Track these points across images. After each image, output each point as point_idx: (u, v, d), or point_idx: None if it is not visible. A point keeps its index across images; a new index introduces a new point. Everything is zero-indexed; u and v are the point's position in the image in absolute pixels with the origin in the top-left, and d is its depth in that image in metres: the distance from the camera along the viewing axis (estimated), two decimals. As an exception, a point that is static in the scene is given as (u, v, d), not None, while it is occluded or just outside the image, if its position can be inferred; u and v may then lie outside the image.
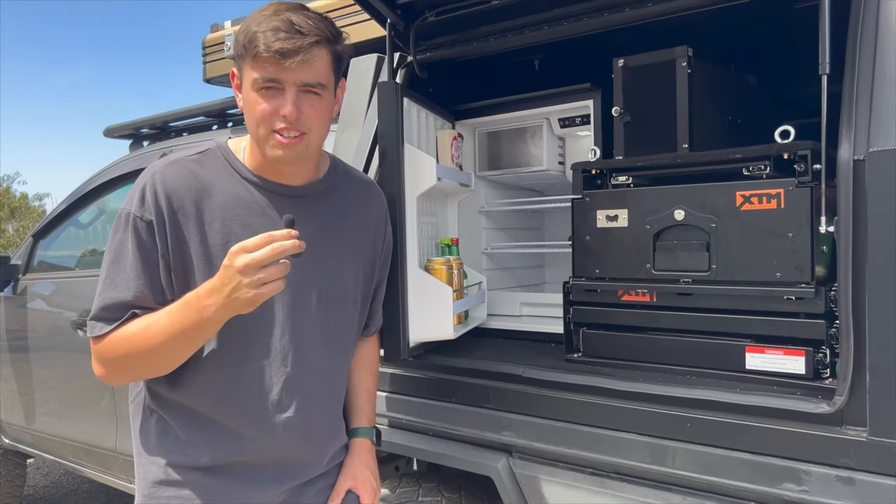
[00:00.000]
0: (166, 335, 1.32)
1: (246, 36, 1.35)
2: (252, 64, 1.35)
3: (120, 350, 1.37)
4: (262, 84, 1.35)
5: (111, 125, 4.08)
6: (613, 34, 1.96)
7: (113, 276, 1.38)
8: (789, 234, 1.54)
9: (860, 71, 1.44)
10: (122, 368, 1.42)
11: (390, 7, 2.12)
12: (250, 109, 1.39)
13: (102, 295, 1.39)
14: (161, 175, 1.40)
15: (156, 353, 1.35)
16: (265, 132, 1.38)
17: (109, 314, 1.38)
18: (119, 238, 1.40)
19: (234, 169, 1.46)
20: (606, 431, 1.66)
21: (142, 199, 1.39)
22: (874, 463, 1.34)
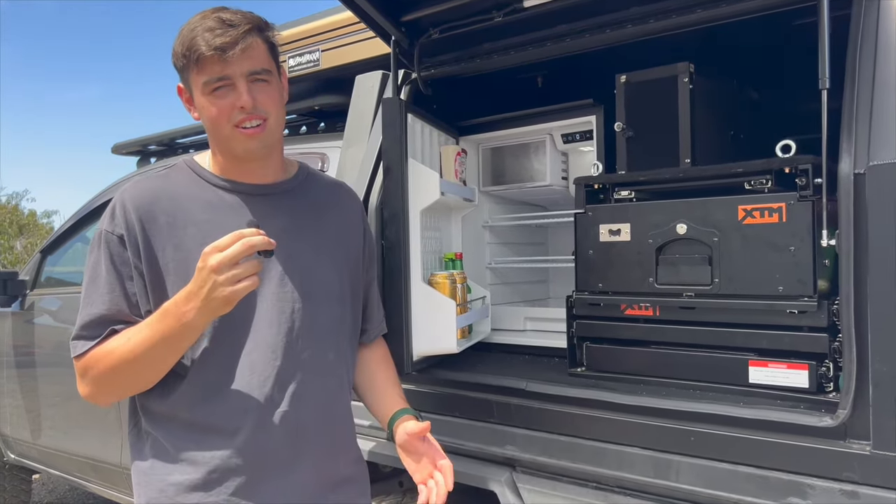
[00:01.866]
0: (148, 345, 1.33)
1: (183, 46, 1.38)
2: (197, 69, 1.38)
3: (103, 365, 1.38)
4: (213, 85, 1.38)
5: (119, 142, 4.13)
6: (616, 50, 1.98)
7: (90, 294, 1.41)
8: (791, 248, 1.54)
9: (860, 85, 1.45)
10: (108, 384, 1.42)
11: (395, 25, 2.15)
12: (207, 113, 1.41)
13: (81, 313, 1.41)
14: (129, 192, 1.44)
15: (139, 364, 1.35)
16: (228, 130, 1.41)
17: (89, 332, 1.40)
18: (94, 257, 1.43)
19: (201, 177, 1.49)
20: (610, 445, 1.66)
21: (112, 216, 1.42)
22: (878, 476, 1.33)
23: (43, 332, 3.82)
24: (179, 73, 1.44)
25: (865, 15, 1.50)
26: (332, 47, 2.75)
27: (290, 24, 3.15)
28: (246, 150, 1.43)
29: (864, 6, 1.51)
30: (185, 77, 1.43)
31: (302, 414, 1.47)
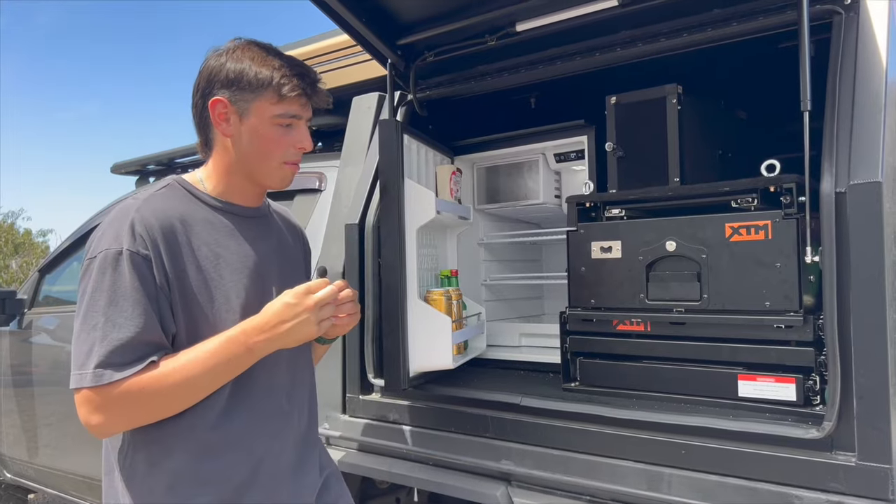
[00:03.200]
0: (205, 370, 1.34)
1: (271, 74, 1.43)
2: (277, 100, 1.44)
3: (149, 390, 1.31)
4: (286, 119, 1.47)
5: (118, 162, 4.17)
6: (606, 73, 2.03)
7: (114, 317, 1.30)
8: (777, 264, 1.59)
9: (840, 107, 1.50)
10: (139, 411, 1.34)
11: (391, 48, 2.20)
12: (262, 141, 1.46)
13: (108, 338, 1.30)
14: (144, 212, 1.39)
15: (192, 389, 1.35)
16: (277, 163, 1.49)
17: (120, 357, 1.30)
18: (110, 278, 1.32)
19: (198, 198, 1.48)
20: (604, 459, 1.69)
21: (132, 234, 1.35)
22: (863, 487, 1.37)
23: (40, 351, 3.84)
24: (234, 89, 1.43)
25: (845, 39, 1.56)
26: (329, 69, 2.80)
27: (290, 47, 3.21)
28: (283, 183, 1.53)
29: (843, 31, 1.57)
30: (242, 97, 1.44)
31: (303, 421, 1.58)
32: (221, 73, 1.44)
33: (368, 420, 2.12)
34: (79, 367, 1.31)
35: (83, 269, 1.36)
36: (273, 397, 1.51)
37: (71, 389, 1.33)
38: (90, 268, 1.34)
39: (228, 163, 1.49)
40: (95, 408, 1.31)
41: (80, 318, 1.33)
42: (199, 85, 1.48)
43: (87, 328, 1.31)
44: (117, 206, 1.42)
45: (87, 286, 1.33)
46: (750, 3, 1.72)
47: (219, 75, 1.44)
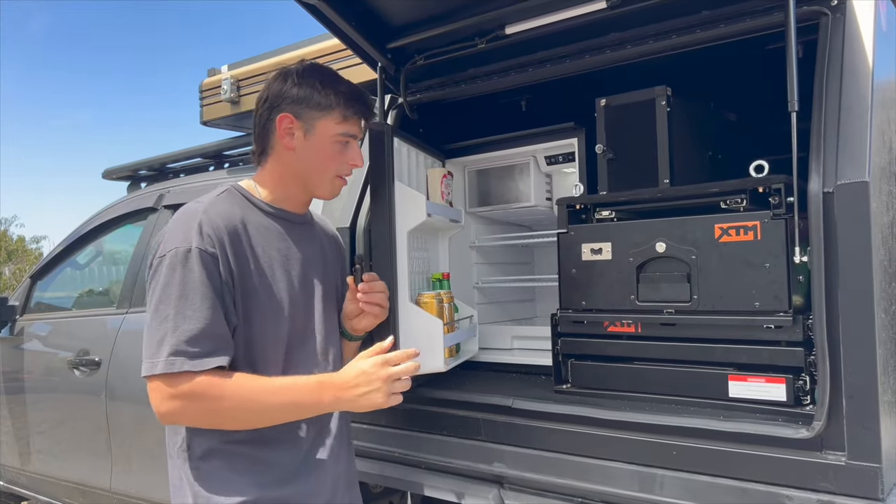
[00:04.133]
0: (272, 402, 1.48)
1: (338, 96, 1.59)
2: (342, 119, 1.61)
3: (213, 394, 1.42)
4: (345, 138, 1.63)
5: (110, 167, 4.16)
6: (596, 75, 2.04)
7: (184, 309, 1.41)
8: (766, 265, 1.59)
9: (827, 108, 1.51)
10: (201, 410, 1.45)
11: (381, 52, 2.21)
12: (322, 156, 1.61)
13: (179, 329, 1.40)
14: (210, 213, 1.51)
15: (250, 410, 1.47)
16: (331, 176, 1.65)
17: (193, 346, 1.40)
18: (180, 274, 1.43)
19: (254, 204, 1.62)
20: (595, 461, 1.69)
21: (200, 233, 1.46)
22: (853, 486, 1.37)
23: (32, 358, 3.82)
24: (301, 106, 1.58)
25: (831, 40, 1.57)
26: (320, 73, 2.80)
27: (279, 52, 3.22)
28: (333, 194, 1.69)
29: (829, 32, 1.58)
30: (308, 114, 1.59)
31: (339, 413, 1.69)
32: (292, 91, 1.58)
33: (361, 424, 2.11)
34: (150, 357, 1.41)
35: (153, 268, 1.48)
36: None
37: (143, 378, 1.43)
38: (160, 265, 1.45)
39: (285, 173, 1.63)
40: (166, 396, 1.42)
41: (152, 311, 1.44)
42: (268, 99, 1.61)
43: (158, 320, 1.42)
44: (182, 210, 1.55)
45: (158, 282, 1.44)
46: (737, 5, 1.73)
47: (289, 93, 1.58)
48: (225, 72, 3.44)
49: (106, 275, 4.07)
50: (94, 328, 3.45)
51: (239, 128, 3.67)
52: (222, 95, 3.35)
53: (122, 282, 3.49)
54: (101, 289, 4.04)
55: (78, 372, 3.38)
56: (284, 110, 1.59)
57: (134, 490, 3.16)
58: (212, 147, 3.59)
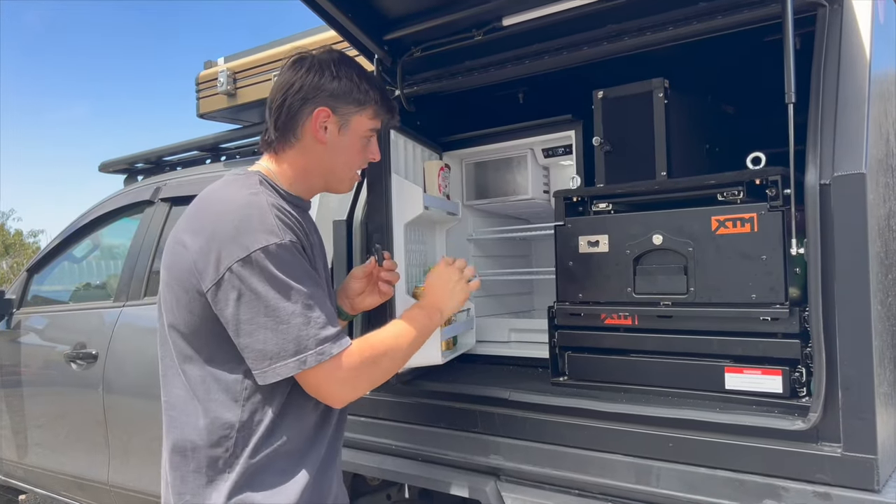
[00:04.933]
0: (413, 337, 1.56)
1: (374, 92, 1.58)
2: (374, 115, 1.60)
3: (379, 351, 1.49)
4: (372, 135, 1.63)
5: (106, 160, 4.15)
6: (593, 67, 2.03)
7: (306, 300, 1.39)
8: (763, 257, 1.59)
9: (824, 99, 1.51)
10: (379, 371, 1.50)
11: (378, 43, 2.20)
12: (350, 151, 1.60)
13: (312, 320, 1.38)
14: (277, 205, 1.46)
15: (407, 353, 1.56)
16: (354, 171, 1.65)
17: (330, 331, 1.41)
18: (284, 269, 1.38)
19: (280, 195, 1.56)
20: (592, 453, 1.69)
21: (283, 226, 1.42)
22: (849, 478, 1.37)
23: (30, 352, 3.82)
24: (340, 99, 1.54)
25: (829, 32, 1.56)
26: (316, 65, 2.79)
27: (276, 43, 3.21)
28: (349, 189, 1.69)
29: (827, 23, 1.57)
30: (347, 110, 1.55)
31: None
32: (331, 85, 1.53)
33: (358, 417, 2.12)
34: (293, 355, 1.37)
35: (237, 271, 1.36)
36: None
37: (292, 377, 1.40)
38: (251, 269, 1.36)
39: (310, 166, 1.58)
40: (339, 381, 1.43)
41: (264, 314, 1.37)
42: (301, 89, 1.52)
43: (281, 320, 1.37)
44: (233, 202, 1.44)
45: (258, 284, 1.36)
46: (735, -3, 1.72)
47: (327, 87, 1.53)
48: (221, 64, 3.43)
49: (103, 268, 4.07)
50: (91, 321, 3.45)
51: (235, 120, 3.65)
52: (219, 88, 3.34)
53: (119, 275, 3.48)
54: (98, 282, 4.03)
55: (75, 365, 3.38)
56: (321, 104, 1.52)
57: (132, 483, 3.17)
58: (208, 140, 3.57)
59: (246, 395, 1.43)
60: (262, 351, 1.37)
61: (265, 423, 1.43)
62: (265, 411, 1.44)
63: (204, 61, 3.53)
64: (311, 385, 1.43)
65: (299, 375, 1.40)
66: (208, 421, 1.43)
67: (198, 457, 1.45)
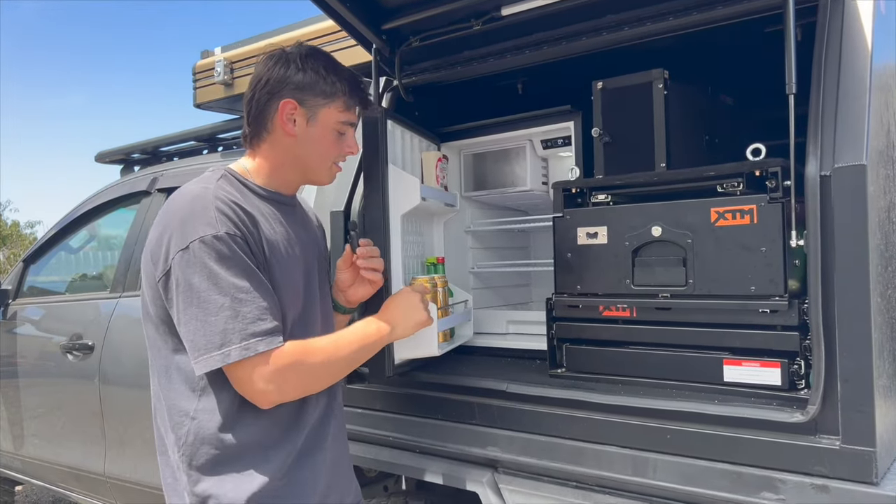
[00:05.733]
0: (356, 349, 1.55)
1: (342, 84, 1.57)
2: (344, 108, 1.59)
3: (315, 356, 1.47)
4: (345, 127, 1.61)
5: (103, 150, 4.13)
6: (592, 58, 2.02)
7: (236, 294, 1.37)
8: (762, 249, 1.58)
9: (825, 90, 1.50)
10: (311, 375, 1.48)
11: (376, 33, 2.18)
12: (322, 144, 1.59)
13: (241, 314, 1.37)
14: (222, 195, 1.46)
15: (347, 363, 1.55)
16: (329, 164, 1.63)
17: (260, 327, 1.38)
18: (218, 260, 1.38)
19: (249, 188, 1.57)
20: (590, 445, 1.69)
21: (224, 217, 1.41)
22: (847, 470, 1.37)
23: (26, 342, 3.81)
24: (306, 91, 1.54)
25: (830, 23, 1.55)
26: (314, 55, 2.77)
27: (273, 33, 3.19)
28: (330, 181, 1.67)
29: (828, 15, 1.56)
30: (312, 101, 1.55)
31: (336, 393, 1.69)
32: (296, 77, 1.54)
33: (356, 409, 2.11)
34: (217, 348, 1.36)
35: (175, 262, 1.39)
36: None
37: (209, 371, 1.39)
38: (188, 258, 1.38)
39: (283, 159, 1.59)
40: (264, 378, 1.39)
41: (196, 305, 1.37)
42: (268, 83, 1.55)
43: (210, 311, 1.37)
44: (187, 196, 1.46)
45: (192, 275, 1.37)
46: (736, -14, 1.71)
47: (292, 79, 1.54)
48: (218, 54, 3.41)
49: (99, 259, 4.05)
50: (88, 312, 3.44)
51: (232, 110, 3.63)
52: (216, 78, 3.32)
53: (115, 266, 3.46)
54: (95, 273, 4.02)
55: (71, 356, 3.37)
56: (287, 96, 1.53)
57: (128, 474, 3.16)
58: (206, 130, 3.55)
59: (202, 386, 1.45)
60: (192, 342, 1.39)
61: (220, 414, 1.44)
62: (221, 402, 1.45)
63: (201, 51, 3.51)
64: (237, 380, 1.41)
65: (226, 370, 1.40)
66: (170, 410, 1.48)
67: (168, 445, 1.50)
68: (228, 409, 1.45)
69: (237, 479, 1.44)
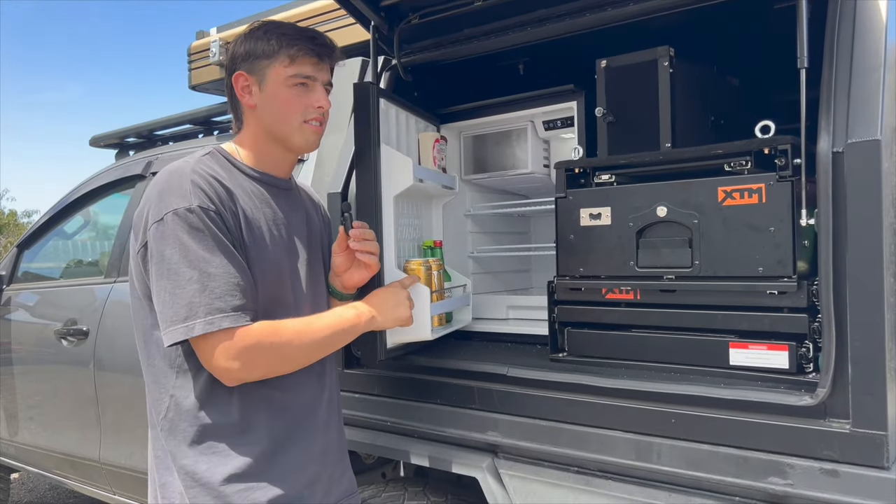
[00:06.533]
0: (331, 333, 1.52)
1: (276, 40, 1.53)
2: (288, 63, 1.53)
3: (285, 335, 1.44)
4: (300, 80, 1.54)
5: (97, 134, 4.07)
6: (596, 35, 1.97)
7: (205, 267, 1.36)
8: (771, 229, 1.54)
9: (838, 64, 1.45)
10: (280, 355, 1.45)
11: (374, 10, 2.13)
12: (281, 102, 1.54)
13: (209, 288, 1.36)
14: (200, 170, 1.46)
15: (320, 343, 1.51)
16: (298, 122, 1.56)
17: (228, 302, 1.37)
18: (189, 232, 1.38)
19: (237, 167, 1.57)
20: (592, 429, 1.65)
21: (198, 191, 1.41)
22: (858, 455, 1.33)
23: (20, 328, 3.76)
24: (251, 61, 1.54)
25: (843, -4, 1.50)
26: (311, 35, 2.71)
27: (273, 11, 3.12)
28: (307, 142, 1.59)
29: (841, -13, 1.51)
30: (258, 66, 1.54)
31: (331, 381, 1.68)
32: (240, 50, 1.55)
33: (353, 393, 2.07)
34: (183, 320, 1.35)
35: (150, 234, 1.40)
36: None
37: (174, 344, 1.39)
38: (161, 229, 1.38)
39: (258, 133, 1.59)
40: (231, 355, 1.37)
41: (166, 276, 1.38)
42: (227, 66, 1.59)
43: (179, 284, 1.36)
44: (167, 170, 1.47)
45: (165, 247, 1.38)
46: (745, -41, 1.66)
47: (238, 52, 1.56)
48: (214, 34, 3.35)
49: (94, 244, 4.00)
50: (82, 298, 3.39)
51: (229, 93, 3.58)
52: (211, 59, 3.25)
53: (110, 251, 3.42)
54: (89, 258, 3.97)
55: (66, 342, 3.33)
56: (237, 69, 1.55)
57: (123, 460, 3.13)
58: (201, 113, 3.50)
59: (179, 363, 1.46)
60: (162, 313, 1.39)
61: (196, 391, 1.45)
62: (196, 380, 1.45)
63: (196, 31, 3.45)
64: (201, 355, 1.40)
65: (193, 344, 1.40)
66: (152, 386, 1.50)
67: (154, 421, 1.52)
68: (203, 387, 1.45)
69: (214, 459, 1.44)
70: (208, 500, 1.42)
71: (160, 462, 1.51)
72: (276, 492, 1.45)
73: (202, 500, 1.42)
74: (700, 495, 1.51)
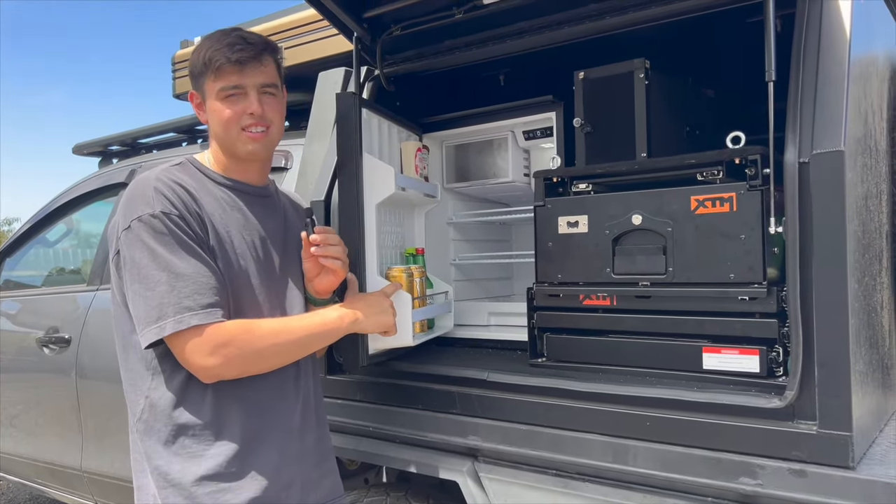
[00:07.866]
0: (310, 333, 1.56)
1: (204, 55, 1.55)
2: (214, 77, 1.55)
3: (262, 333, 1.49)
4: (228, 92, 1.56)
5: (80, 142, 4.07)
6: (574, 47, 2.01)
7: (173, 269, 1.41)
8: (742, 236, 1.59)
9: (804, 77, 1.50)
10: (256, 353, 1.48)
11: (357, 21, 2.16)
12: (218, 116, 1.58)
13: (177, 288, 1.40)
14: (165, 178, 1.51)
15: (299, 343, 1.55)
16: (236, 132, 1.58)
17: (197, 301, 1.40)
18: (155, 238, 1.43)
19: (207, 176, 1.61)
20: (569, 432, 1.69)
21: (163, 197, 1.46)
22: (824, 455, 1.38)
23: (1, 337, 3.74)
24: (195, 79, 1.60)
25: (809, 12, 1.56)
26: (295, 45, 2.75)
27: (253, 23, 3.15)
28: (249, 151, 1.60)
29: (808, 4, 1.56)
30: (199, 83, 1.59)
31: (307, 385, 1.68)
32: (190, 67, 1.60)
33: (335, 399, 2.09)
34: (154, 321, 1.40)
35: (121, 242, 1.46)
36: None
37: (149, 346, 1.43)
38: (129, 236, 1.44)
39: (214, 144, 1.64)
40: (206, 352, 1.41)
41: (136, 281, 1.43)
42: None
43: (148, 287, 1.41)
44: (135, 180, 1.54)
45: (134, 252, 1.43)
46: (717, -25, 1.71)
47: (190, 71, 1.61)
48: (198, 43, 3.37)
49: (77, 252, 3.99)
50: (65, 305, 3.39)
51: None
52: (195, 68, 3.28)
53: (92, 259, 3.42)
54: (72, 266, 3.96)
55: (47, 350, 3.32)
56: (192, 87, 1.63)
57: (105, 469, 3.12)
58: (185, 121, 3.51)
59: (154, 365, 1.49)
60: (136, 317, 1.44)
61: (170, 392, 1.48)
62: (170, 381, 1.49)
63: (180, 41, 3.47)
64: (178, 355, 1.44)
65: (168, 344, 1.43)
66: (130, 389, 1.54)
67: (131, 425, 1.56)
68: (178, 389, 1.48)
69: (187, 460, 1.46)
70: (180, 501, 1.45)
71: (137, 465, 1.54)
72: (247, 495, 1.47)
73: (174, 500, 1.45)
74: (674, 496, 1.55)
